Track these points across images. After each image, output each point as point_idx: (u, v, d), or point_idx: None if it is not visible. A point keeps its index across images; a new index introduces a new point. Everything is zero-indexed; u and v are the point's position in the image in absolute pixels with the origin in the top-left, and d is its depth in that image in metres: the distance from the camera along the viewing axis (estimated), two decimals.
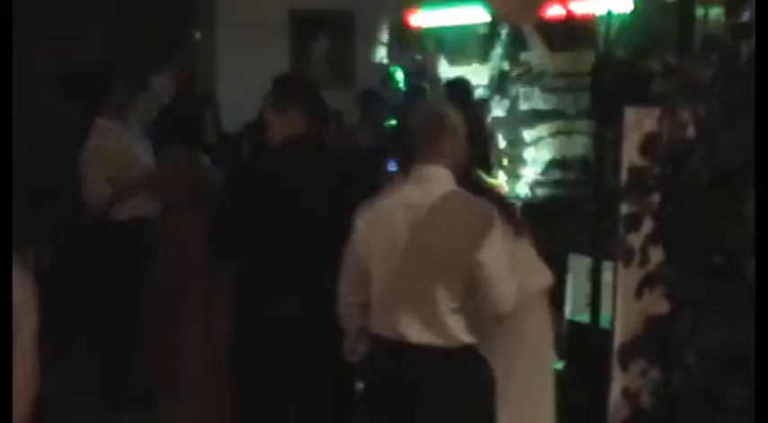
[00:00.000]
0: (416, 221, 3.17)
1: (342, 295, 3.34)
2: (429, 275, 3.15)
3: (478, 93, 7.08)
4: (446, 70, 7.59)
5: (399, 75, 7.21)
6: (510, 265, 3.18)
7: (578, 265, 4.66)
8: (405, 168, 4.62)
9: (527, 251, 3.58)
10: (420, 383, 3.17)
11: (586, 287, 4.29)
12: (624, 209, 2.46)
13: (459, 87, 6.30)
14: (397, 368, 3.20)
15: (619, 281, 2.89)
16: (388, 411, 3.24)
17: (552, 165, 7.01)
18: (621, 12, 5.22)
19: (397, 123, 6.13)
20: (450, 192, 3.24)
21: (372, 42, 7.84)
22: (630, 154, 2.52)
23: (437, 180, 3.23)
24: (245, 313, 3.60)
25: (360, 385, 3.55)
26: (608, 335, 3.19)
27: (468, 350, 3.21)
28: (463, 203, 3.21)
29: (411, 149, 3.31)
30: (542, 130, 7.02)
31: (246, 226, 3.51)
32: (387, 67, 7.60)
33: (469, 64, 7.44)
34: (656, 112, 2.40)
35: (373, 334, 3.28)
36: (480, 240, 3.12)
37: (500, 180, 5.89)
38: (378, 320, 3.25)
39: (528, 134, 7.16)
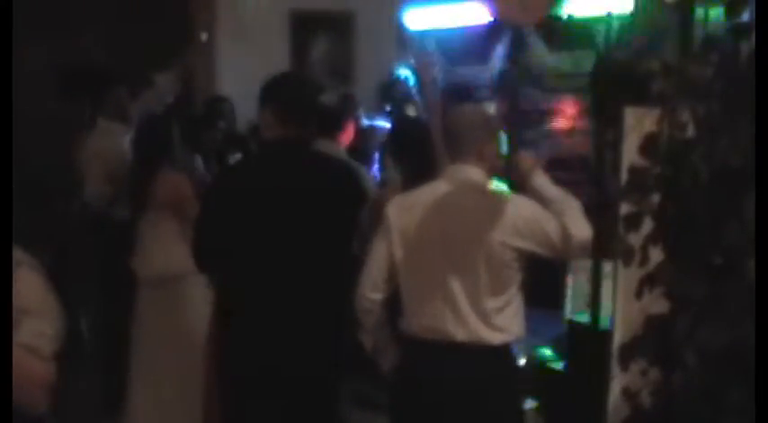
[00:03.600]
0: (449, 220, 3.18)
1: (363, 290, 3.30)
2: (466, 275, 3.16)
3: (479, 93, 7.08)
4: (446, 70, 7.59)
5: (409, 82, 7.20)
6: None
7: (578, 265, 4.65)
8: (401, 168, 4.63)
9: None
10: (464, 383, 3.17)
11: (586, 287, 4.29)
12: (624, 209, 2.46)
13: (459, 89, 6.31)
14: (438, 368, 3.20)
15: (619, 281, 2.89)
16: (427, 413, 3.23)
17: (552, 165, 7.00)
18: (621, 12, 5.22)
19: (396, 127, 6.12)
20: (484, 191, 3.25)
21: (372, 42, 7.83)
22: (630, 154, 2.52)
23: (474, 180, 3.25)
24: (226, 321, 3.53)
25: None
26: (608, 335, 3.19)
27: (507, 347, 3.25)
28: (498, 203, 3.22)
29: (449, 149, 3.33)
30: (542, 130, 7.02)
31: (224, 232, 3.43)
32: (394, 68, 7.57)
33: (469, 64, 7.44)
34: (656, 112, 2.40)
35: (409, 335, 3.26)
36: (523, 234, 3.16)
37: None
38: (416, 321, 3.24)
39: (528, 134, 7.15)
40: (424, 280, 3.22)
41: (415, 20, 7.58)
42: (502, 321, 3.19)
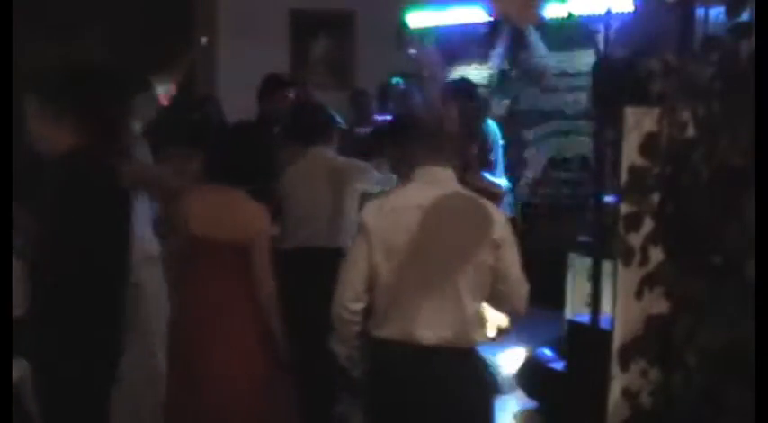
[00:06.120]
0: (430, 223, 3.15)
1: (345, 301, 3.22)
2: (446, 278, 3.14)
3: (479, 93, 7.09)
4: (446, 69, 7.59)
5: (402, 87, 7.17)
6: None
7: (578, 265, 4.66)
8: (398, 169, 4.64)
9: None
10: (433, 385, 3.15)
11: (586, 287, 4.29)
12: (624, 209, 2.46)
13: (462, 87, 6.30)
14: (408, 372, 3.16)
15: (619, 281, 2.89)
16: (399, 415, 3.20)
17: (552, 165, 7.01)
18: (621, 12, 5.23)
19: (391, 125, 6.12)
20: (461, 193, 3.24)
21: (372, 43, 7.84)
22: (630, 154, 2.52)
23: (446, 181, 3.23)
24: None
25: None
26: (608, 335, 3.19)
27: (475, 349, 3.23)
28: (476, 206, 3.21)
29: (416, 151, 3.29)
30: (542, 130, 7.03)
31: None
32: (388, 76, 7.52)
33: (469, 64, 7.45)
34: (656, 112, 2.40)
35: (380, 339, 3.22)
36: (498, 244, 3.15)
37: (502, 179, 5.87)
38: (387, 324, 3.20)
39: (528, 134, 7.16)
40: (400, 284, 3.18)
41: (415, 19, 7.60)
42: (475, 324, 3.19)
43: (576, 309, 4.63)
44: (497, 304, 3.24)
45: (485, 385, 3.35)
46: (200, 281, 3.99)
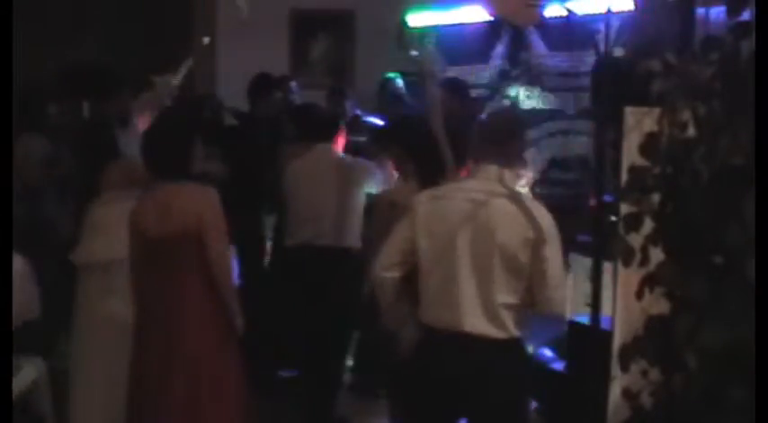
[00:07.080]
0: (482, 218, 3.28)
1: (378, 269, 3.44)
2: (492, 271, 3.26)
3: (479, 93, 7.08)
4: (445, 69, 7.57)
5: (399, 82, 7.15)
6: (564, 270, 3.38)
7: (578, 265, 4.66)
8: (400, 168, 4.64)
9: None
10: (473, 373, 3.27)
11: (586, 287, 4.29)
12: (624, 209, 2.46)
13: (455, 86, 6.29)
14: (451, 358, 3.30)
15: (619, 281, 2.89)
16: (438, 400, 3.34)
17: (552, 165, 7.00)
18: (621, 11, 5.22)
19: (390, 126, 6.11)
20: (508, 191, 3.37)
21: (372, 43, 7.83)
22: (630, 154, 2.52)
23: (498, 179, 3.37)
24: None
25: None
26: (608, 335, 3.20)
27: (518, 342, 3.34)
28: (520, 204, 3.33)
29: (479, 149, 3.45)
30: (542, 130, 7.02)
31: None
32: (385, 74, 7.50)
33: (469, 64, 7.44)
34: (656, 112, 2.40)
35: (424, 324, 3.36)
36: (543, 245, 3.26)
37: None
38: (429, 311, 3.35)
39: (528, 134, 7.15)
40: (442, 271, 3.33)
41: (415, 19, 7.59)
42: (509, 317, 3.25)
43: (576, 309, 4.63)
44: (539, 306, 3.33)
45: (522, 380, 3.43)
46: (159, 282, 3.95)
